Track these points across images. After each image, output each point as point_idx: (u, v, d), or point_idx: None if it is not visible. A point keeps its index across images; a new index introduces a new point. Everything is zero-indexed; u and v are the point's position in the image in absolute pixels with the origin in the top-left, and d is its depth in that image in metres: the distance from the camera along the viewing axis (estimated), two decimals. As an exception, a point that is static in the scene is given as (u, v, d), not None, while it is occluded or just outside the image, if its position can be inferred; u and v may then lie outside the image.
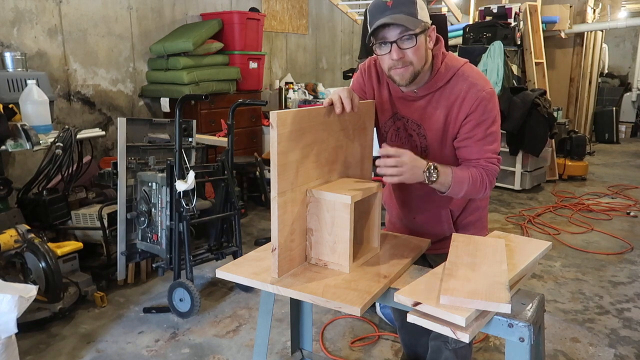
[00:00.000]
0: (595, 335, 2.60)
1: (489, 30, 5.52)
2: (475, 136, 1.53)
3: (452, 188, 1.48)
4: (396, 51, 1.44)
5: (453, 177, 1.47)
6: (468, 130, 1.53)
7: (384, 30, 1.43)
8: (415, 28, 1.42)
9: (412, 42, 1.43)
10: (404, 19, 1.40)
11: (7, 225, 2.68)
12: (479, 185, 1.51)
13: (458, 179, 1.48)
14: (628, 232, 4.18)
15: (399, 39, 1.43)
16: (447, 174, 1.47)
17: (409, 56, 1.45)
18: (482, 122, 1.52)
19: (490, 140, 1.54)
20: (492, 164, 1.54)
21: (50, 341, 2.51)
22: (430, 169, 1.44)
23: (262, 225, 4.24)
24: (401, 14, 1.41)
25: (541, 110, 4.98)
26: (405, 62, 1.46)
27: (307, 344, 2.02)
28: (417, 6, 1.43)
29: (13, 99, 2.95)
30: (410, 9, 1.42)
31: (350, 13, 6.67)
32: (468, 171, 1.51)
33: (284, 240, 1.35)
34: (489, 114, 1.52)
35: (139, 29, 4.31)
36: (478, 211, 1.77)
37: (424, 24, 1.45)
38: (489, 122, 1.52)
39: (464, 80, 1.53)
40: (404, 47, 1.44)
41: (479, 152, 1.54)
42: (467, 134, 1.54)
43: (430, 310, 1.16)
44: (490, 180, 1.54)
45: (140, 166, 3.05)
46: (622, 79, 10.15)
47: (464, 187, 1.49)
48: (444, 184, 1.47)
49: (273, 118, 1.23)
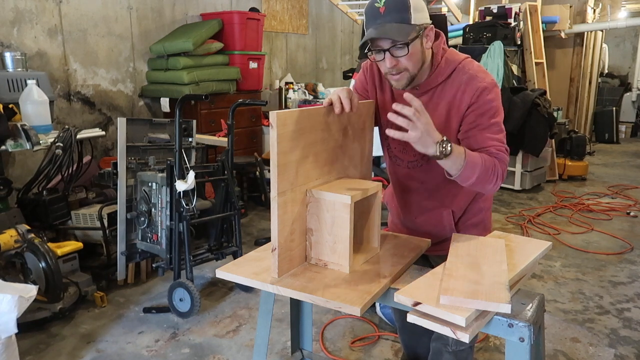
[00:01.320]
0: (595, 335, 2.60)
1: (489, 30, 5.52)
2: (479, 125, 1.48)
3: (463, 170, 1.37)
4: (389, 59, 1.44)
5: (466, 158, 1.37)
6: (471, 121, 1.49)
7: (376, 39, 1.43)
8: (407, 37, 1.39)
9: (405, 51, 1.42)
10: (394, 31, 1.38)
11: (7, 225, 2.67)
12: (491, 173, 1.42)
13: (471, 160, 1.38)
14: (628, 232, 4.18)
15: (391, 48, 1.42)
16: (460, 153, 1.36)
17: (402, 63, 1.44)
18: (485, 112, 1.48)
19: (495, 130, 1.49)
20: (502, 152, 1.47)
21: (50, 341, 2.51)
22: (444, 142, 1.31)
23: (262, 225, 4.24)
24: (392, 23, 1.38)
25: (541, 110, 4.98)
26: (400, 69, 1.46)
27: (307, 344, 2.02)
28: (412, 10, 1.39)
29: (13, 99, 2.95)
30: (403, 14, 1.39)
31: (350, 13, 6.67)
32: (480, 156, 1.42)
33: (284, 240, 1.35)
34: (491, 104, 1.48)
35: (139, 29, 4.31)
36: (481, 213, 1.74)
37: (419, 27, 1.42)
38: (492, 112, 1.48)
39: (464, 73, 1.52)
40: (397, 56, 1.43)
41: (486, 141, 1.47)
42: (471, 124, 1.50)
43: (430, 310, 1.16)
44: (503, 169, 1.45)
45: (140, 166, 3.05)
46: (622, 79, 10.14)
47: (476, 171, 1.39)
48: (455, 163, 1.35)
49: (273, 118, 1.23)
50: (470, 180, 1.41)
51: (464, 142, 1.51)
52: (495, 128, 1.49)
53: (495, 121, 1.50)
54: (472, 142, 1.49)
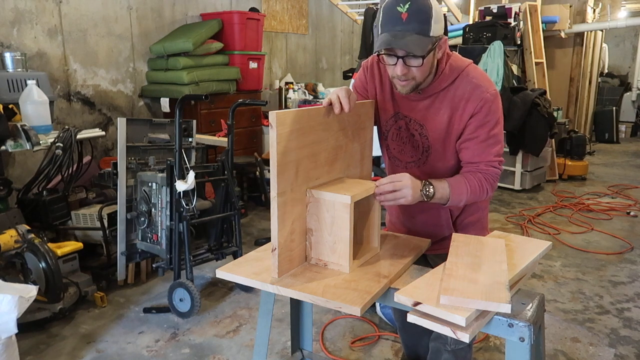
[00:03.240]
0: (595, 335, 2.60)
1: (489, 30, 5.52)
2: (477, 137, 1.52)
3: (451, 200, 1.50)
4: (401, 67, 1.43)
5: (450, 190, 1.49)
6: (471, 132, 1.52)
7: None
8: (424, 51, 1.39)
9: (419, 62, 1.42)
10: (414, 44, 1.36)
11: (7, 225, 2.67)
12: (479, 191, 1.52)
13: (456, 190, 1.49)
14: (628, 232, 4.18)
15: (406, 57, 1.41)
16: (444, 188, 1.48)
17: (413, 72, 1.45)
18: (485, 123, 1.51)
19: (492, 143, 1.53)
20: (493, 167, 1.54)
21: (50, 341, 2.51)
22: (426, 186, 1.45)
23: (262, 225, 4.24)
24: (412, 34, 1.36)
25: (541, 110, 4.98)
26: (408, 77, 1.46)
27: (307, 344, 2.02)
28: (432, 21, 1.37)
29: (13, 99, 2.95)
30: (423, 25, 1.36)
31: (350, 13, 6.67)
32: (465, 181, 1.51)
33: (284, 240, 1.35)
34: (493, 115, 1.51)
35: (139, 29, 4.31)
36: (478, 212, 1.76)
37: (436, 38, 1.41)
38: (492, 124, 1.52)
39: (468, 81, 1.52)
40: (411, 65, 1.43)
41: (480, 155, 1.53)
42: (470, 135, 1.53)
43: (430, 310, 1.16)
44: (491, 183, 1.54)
45: (140, 166, 3.05)
46: (622, 79, 10.14)
47: (463, 197, 1.50)
48: (442, 198, 1.49)
49: (273, 118, 1.23)
50: (461, 204, 1.55)
51: (461, 152, 1.57)
52: (492, 141, 1.53)
53: (494, 133, 1.53)
54: (468, 154, 1.55)
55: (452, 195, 1.49)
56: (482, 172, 1.53)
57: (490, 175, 1.53)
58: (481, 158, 1.53)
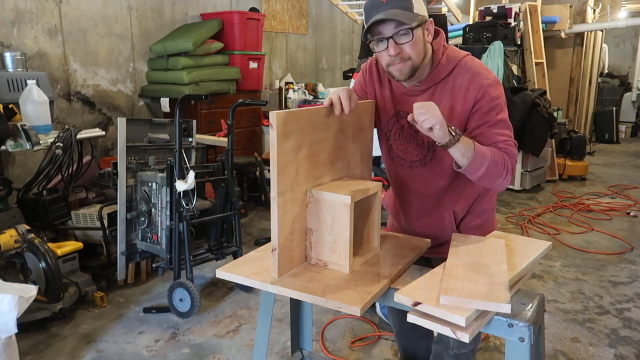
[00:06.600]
0: (595, 335, 2.60)
1: (489, 30, 5.52)
2: (487, 122, 1.49)
3: (473, 159, 1.38)
4: (393, 47, 1.43)
5: (475, 147, 1.38)
6: (479, 118, 1.49)
7: (379, 27, 1.42)
8: (412, 22, 1.40)
9: (409, 37, 1.42)
10: (399, 14, 1.39)
11: (7, 225, 2.67)
12: (501, 166, 1.43)
13: (480, 151, 1.40)
14: (628, 232, 4.18)
15: (395, 34, 1.42)
16: (469, 142, 1.39)
17: (406, 51, 1.44)
18: (492, 108, 1.48)
19: (502, 126, 1.50)
20: (510, 147, 1.48)
21: (50, 341, 2.51)
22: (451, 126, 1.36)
23: (262, 225, 4.24)
24: (396, 9, 1.39)
25: (541, 110, 4.98)
26: (403, 57, 1.45)
27: (307, 344, 2.02)
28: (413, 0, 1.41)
29: (13, 99, 2.95)
30: (405, 3, 1.40)
31: (350, 13, 6.66)
32: (489, 149, 1.43)
33: (284, 240, 1.34)
34: (496, 100, 1.49)
35: (139, 29, 4.31)
36: (485, 214, 1.72)
37: (421, 17, 1.43)
38: (498, 109, 1.49)
39: (466, 70, 1.51)
40: (401, 42, 1.43)
41: (493, 137, 1.48)
42: (479, 121, 1.49)
43: (430, 310, 1.16)
44: (512, 163, 1.46)
45: (140, 166, 3.05)
46: (622, 79, 10.14)
47: (485, 162, 1.40)
48: (467, 149, 1.37)
49: (273, 118, 1.23)
50: (479, 172, 1.41)
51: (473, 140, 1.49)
52: (502, 124, 1.50)
53: (502, 117, 1.50)
54: (481, 139, 1.48)
55: (476, 154, 1.38)
56: (501, 149, 1.47)
57: (509, 153, 1.46)
58: (496, 139, 1.48)
